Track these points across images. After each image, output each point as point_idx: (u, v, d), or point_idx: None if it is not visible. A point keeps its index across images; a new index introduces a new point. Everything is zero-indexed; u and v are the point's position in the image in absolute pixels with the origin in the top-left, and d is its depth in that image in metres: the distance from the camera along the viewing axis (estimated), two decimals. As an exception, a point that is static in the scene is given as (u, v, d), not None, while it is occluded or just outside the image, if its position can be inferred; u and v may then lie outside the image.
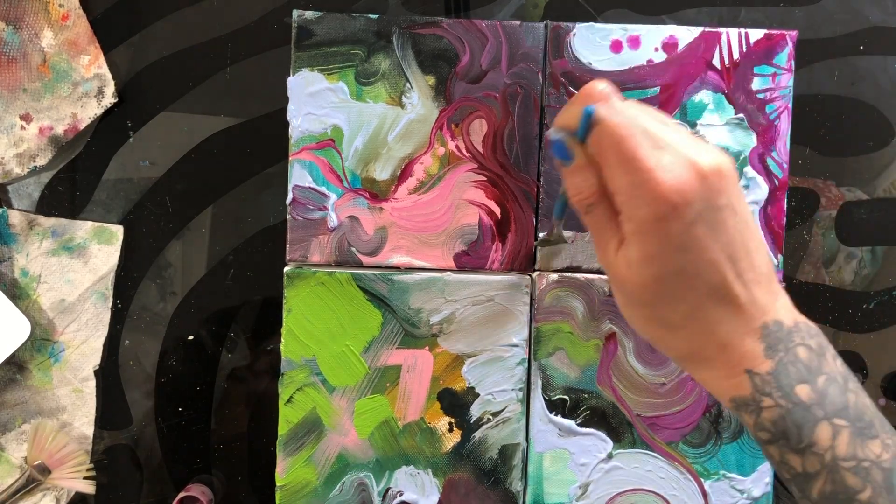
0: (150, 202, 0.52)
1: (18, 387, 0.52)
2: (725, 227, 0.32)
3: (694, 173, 0.32)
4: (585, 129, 0.34)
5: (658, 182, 0.31)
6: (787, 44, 0.50)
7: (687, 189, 0.31)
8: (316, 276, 0.49)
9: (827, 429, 0.32)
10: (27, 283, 0.52)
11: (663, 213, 0.31)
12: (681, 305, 0.33)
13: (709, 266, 0.32)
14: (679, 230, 0.32)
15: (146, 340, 0.53)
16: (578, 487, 0.50)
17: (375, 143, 0.50)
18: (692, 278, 0.32)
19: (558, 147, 0.35)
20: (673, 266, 0.32)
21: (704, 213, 0.32)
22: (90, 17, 0.52)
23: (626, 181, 0.32)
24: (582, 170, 0.35)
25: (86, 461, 0.52)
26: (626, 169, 0.32)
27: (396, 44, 0.49)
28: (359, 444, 0.50)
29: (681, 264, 0.32)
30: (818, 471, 0.32)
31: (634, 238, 0.33)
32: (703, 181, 0.32)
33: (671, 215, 0.31)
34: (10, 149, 0.52)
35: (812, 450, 0.32)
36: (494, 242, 0.50)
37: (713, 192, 0.32)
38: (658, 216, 0.32)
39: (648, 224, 0.32)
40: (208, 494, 0.51)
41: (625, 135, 0.32)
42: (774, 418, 0.32)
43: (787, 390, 0.32)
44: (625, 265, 0.34)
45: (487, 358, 0.50)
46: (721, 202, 0.32)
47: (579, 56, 0.49)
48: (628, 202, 0.33)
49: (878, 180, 0.53)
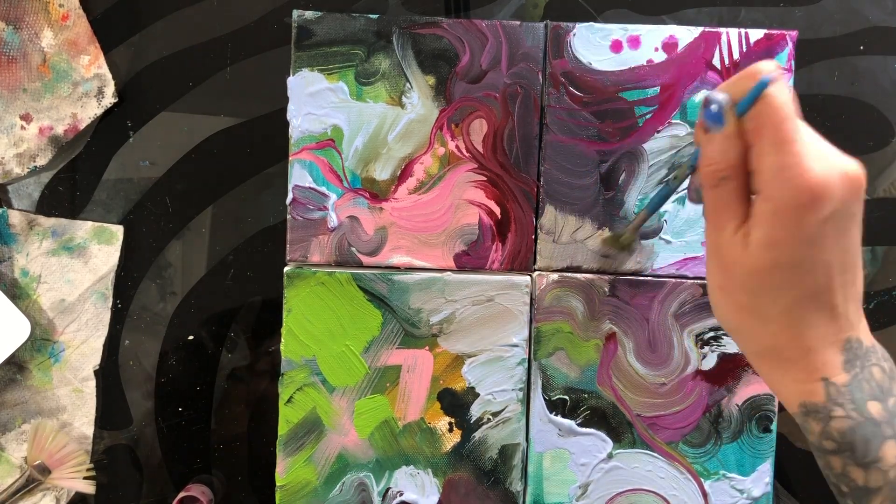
0: (150, 202, 0.52)
1: (18, 387, 0.52)
2: (850, 234, 0.33)
3: (841, 173, 0.32)
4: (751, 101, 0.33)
5: (807, 169, 0.32)
6: (787, 44, 0.50)
7: (832, 185, 0.32)
8: (316, 276, 0.49)
9: (894, 447, 0.32)
10: (27, 283, 0.52)
11: (804, 202, 0.32)
12: (783, 299, 0.33)
13: (824, 267, 0.33)
14: (812, 222, 0.32)
15: (146, 340, 0.53)
16: (578, 487, 0.50)
17: (375, 143, 0.50)
18: (805, 274, 0.33)
19: (714, 112, 0.35)
20: (794, 257, 0.33)
21: (839, 214, 0.32)
22: (90, 17, 0.52)
23: (777, 161, 0.32)
24: (728, 139, 0.35)
25: (86, 461, 0.52)
26: (780, 149, 0.32)
27: (396, 44, 0.49)
28: (359, 444, 0.50)
29: (801, 257, 0.33)
30: (880, 486, 0.32)
31: (766, 219, 0.33)
32: (847, 183, 0.32)
33: (810, 205, 0.32)
34: (10, 149, 0.52)
35: (877, 465, 0.32)
36: (494, 242, 0.50)
37: (852, 197, 0.32)
38: (798, 203, 0.32)
39: (786, 208, 0.32)
40: (208, 494, 0.51)
41: (788, 116, 0.32)
42: (843, 429, 0.33)
43: (859, 404, 0.33)
44: (742, 246, 0.34)
45: (487, 358, 0.50)
46: (855, 209, 0.33)
47: (579, 56, 0.49)
48: (772, 182, 0.33)
49: (878, 180, 0.53)
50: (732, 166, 0.35)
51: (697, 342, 0.49)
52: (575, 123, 0.49)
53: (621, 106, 0.49)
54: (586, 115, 0.49)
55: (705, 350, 0.50)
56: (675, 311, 0.49)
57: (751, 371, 0.49)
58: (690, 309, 0.49)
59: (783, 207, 0.32)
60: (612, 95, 0.49)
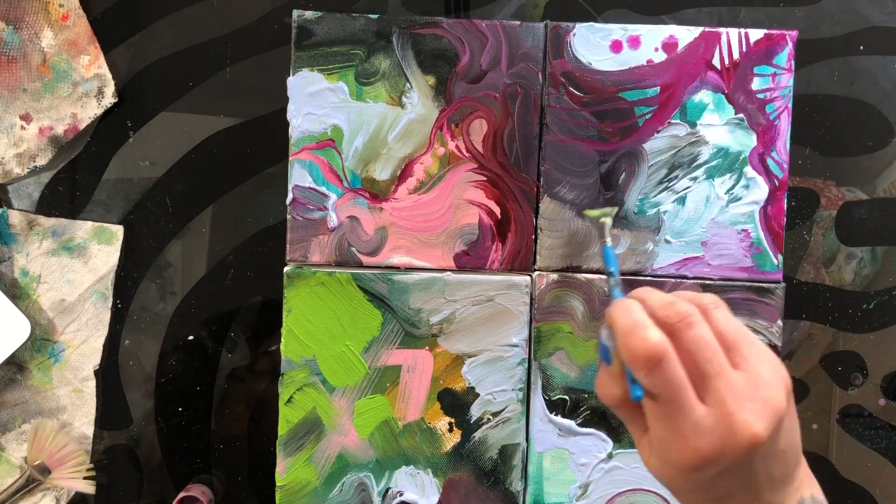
0: (150, 202, 0.52)
1: (18, 387, 0.52)
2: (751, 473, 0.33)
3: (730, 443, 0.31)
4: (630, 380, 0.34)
5: (689, 448, 0.32)
6: (787, 44, 0.50)
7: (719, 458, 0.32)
8: (316, 276, 0.49)
9: None
10: (27, 283, 0.52)
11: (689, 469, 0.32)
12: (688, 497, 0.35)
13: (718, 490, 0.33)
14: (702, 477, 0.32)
15: (146, 340, 0.53)
16: (578, 487, 0.50)
17: (375, 143, 0.50)
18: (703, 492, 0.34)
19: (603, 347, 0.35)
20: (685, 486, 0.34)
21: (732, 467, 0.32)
22: (90, 17, 0.52)
23: (660, 434, 0.33)
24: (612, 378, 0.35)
25: (86, 461, 0.52)
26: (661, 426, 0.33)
27: (396, 44, 0.49)
28: (359, 444, 0.50)
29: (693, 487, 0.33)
30: None
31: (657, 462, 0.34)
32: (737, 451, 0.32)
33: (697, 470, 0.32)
34: (10, 149, 0.52)
35: None
36: (494, 242, 0.50)
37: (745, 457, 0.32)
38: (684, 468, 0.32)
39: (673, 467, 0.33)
40: (208, 494, 0.51)
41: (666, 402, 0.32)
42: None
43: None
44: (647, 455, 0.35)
45: (487, 358, 0.50)
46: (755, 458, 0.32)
47: (579, 56, 0.49)
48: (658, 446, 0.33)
49: (878, 180, 0.53)
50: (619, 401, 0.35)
51: (697, 342, 0.49)
52: (575, 123, 0.49)
53: (621, 106, 0.49)
54: (586, 115, 0.49)
55: (705, 350, 0.49)
56: (675, 311, 0.49)
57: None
58: (690, 309, 0.49)
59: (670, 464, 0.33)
60: (612, 95, 0.49)
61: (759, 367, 0.33)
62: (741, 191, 0.50)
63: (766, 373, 0.33)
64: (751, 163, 0.50)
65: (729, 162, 0.50)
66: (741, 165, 0.50)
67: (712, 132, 0.50)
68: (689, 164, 0.50)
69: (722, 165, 0.50)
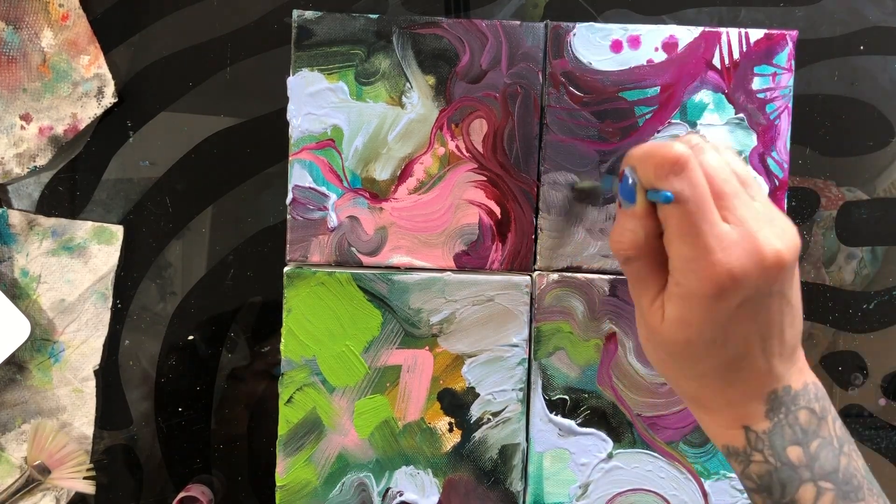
0: (150, 202, 0.52)
1: (18, 387, 0.52)
2: (769, 311, 0.33)
3: (755, 261, 0.31)
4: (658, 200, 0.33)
5: (716, 263, 0.31)
6: (787, 44, 0.50)
7: (744, 276, 0.31)
8: (316, 276, 0.49)
9: (811, 490, 0.33)
10: (27, 283, 0.52)
11: (712, 293, 0.32)
12: (700, 365, 0.34)
13: (739, 340, 0.33)
14: (724, 308, 0.32)
15: (146, 340, 0.53)
16: (578, 487, 0.50)
17: (375, 143, 0.50)
18: (721, 348, 0.33)
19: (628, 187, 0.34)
20: (706, 335, 0.33)
21: (753, 297, 0.32)
22: (90, 17, 0.52)
23: (685, 253, 0.32)
24: (638, 218, 0.35)
25: (86, 461, 0.52)
26: (688, 242, 0.32)
27: (396, 44, 0.49)
28: (359, 444, 0.50)
29: (713, 335, 0.33)
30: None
31: (677, 301, 0.33)
32: (762, 270, 0.31)
33: (719, 296, 0.32)
34: (10, 149, 0.52)
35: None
36: (494, 242, 0.50)
37: (768, 281, 0.32)
38: (706, 293, 0.32)
39: (694, 296, 0.32)
40: (208, 494, 0.51)
41: (694, 209, 0.32)
42: (761, 473, 0.34)
43: (778, 450, 0.33)
44: (658, 319, 0.34)
45: (487, 358, 0.50)
46: (773, 289, 0.32)
47: (579, 56, 0.49)
48: (680, 270, 0.33)
49: (878, 180, 0.53)
50: (639, 247, 0.34)
51: (697, 342, 0.49)
52: (575, 123, 0.49)
53: (621, 106, 0.49)
54: (586, 115, 0.49)
55: (705, 350, 0.49)
56: (675, 311, 0.49)
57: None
58: (690, 309, 0.49)
59: (692, 295, 0.32)
60: (612, 95, 0.49)
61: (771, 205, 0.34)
62: (741, 191, 0.50)
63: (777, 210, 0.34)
64: (751, 163, 0.50)
65: (729, 162, 0.50)
66: (741, 165, 0.50)
67: (712, 132, 0.50)
68: (689, 164, 0.50)
69: (722, 165, 0.50)
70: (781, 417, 0.34)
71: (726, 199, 0.32)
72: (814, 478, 0.33)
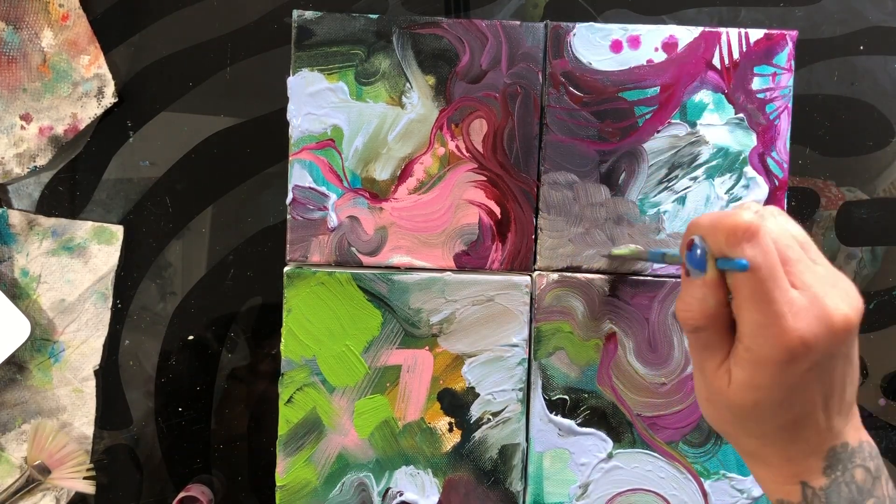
0: (150, 202, 0.52)
1: (18, 387, 0.52)
2: (834, 372, 0.33)
3: (825, 326, 0.32)
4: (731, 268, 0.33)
5: (788, 330, 0.31)
6: (787, 44, 0.50)
7: (815, 341, 0.32)
8: (316, 276, 0.49)
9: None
10: (27, 283, 0.52)
11: (786, 359, 0.32)
12: (765, 425, 0.34)
13: (805, 402, 0.33)
14: (794, 372, 0.32)
15: (146, 340, 0.53)
16: (578, 487, 0.50)
17: (375, 143, 0.49)
18: (786, 409, 0.34)
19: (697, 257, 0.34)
20: (776, 398, 0.33)
21: (822, 361, 0.32)
22: (90, 17, 0.52)
23: (757, 319, 0.32)
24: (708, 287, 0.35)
25: (86, 461, 0.52)
26: (759, 308, 0.32)
27: (396, 44, 0.49)
28: (359, 444, 0.50)
29: (782, 398, 0.33)
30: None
31: (747, 365, 0.33)
32: (831, 335, 0.32)
33: (792, 361, 0.32)
34: (10, 149, 0.52)
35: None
36: (494, 242, 0.50)
37: (836, 344, 0.32)
38: (779, 359, 0.32)
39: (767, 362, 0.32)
40: (208, 494, 0.51)
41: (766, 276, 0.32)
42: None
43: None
44: (725, 383, 0.34)
45: (487, 358, 0.50)
46: (840, 351, 0.33)
47: (579, 56, 0.49)
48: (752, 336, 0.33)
49: (878, 180, 0.53)
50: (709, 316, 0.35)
51: (697, 342, 0.49)
52: (575, 123, 0.49)
53: (621, 106, 0.49)
54: (586, 115, 0.49)
55: (705, 350, 0.49)
56: (675, 311, 0.49)
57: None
58: (690, 309, 0.49)
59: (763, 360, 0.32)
60: (612, 95, 0.49)
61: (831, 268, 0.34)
62: (741, 191, 0.50)
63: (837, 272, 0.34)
64: (751, 163, 0.50)
65: (729, 162, 0.50)
66: (741, 165, 0.50)
67: (712, 132, 0.50)
68: (689, 163, 0.50)
69: (722, 165, 0.50)
70: (839, 475, 0.34)
71: (791, 265, 0.33)
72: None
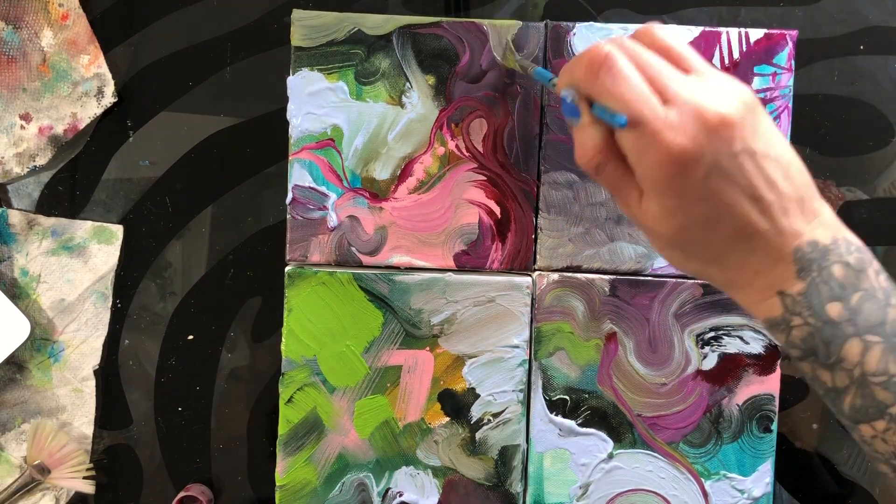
0: (150, 202, 0.52)
1: (18, 386, 0.52)
2: (743, 170, 0.32)
3: (700, 127, 0.31)
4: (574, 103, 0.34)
5: (666, 144, 0.31)
6: (787, 43, 0.50)
7: (694, 147, 0.31)
8: (317, 276, 0.49)
9: (857, 345, 0.32)
10: (27, 283, 0.52)
11: (674, 173, 0.32)
12: (709, 247, 0.34)
13: (729, 210, 0.33)
14: (693, 184, 0.32)
15: (146, 340, 0.52)
16: (579, 487, 0.50)
17: (375, 143, 0.49)
18: (715, 223, 0.33)
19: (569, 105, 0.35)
20: (694, 216, 0.33)
21: (717, 164, 0.32)
22: (90, 16, 0.52)
23: (636, 146, 0.32)
24: (587, 128, 0.34)
25: (85, 461, 0.52)
26: (634, 135, 0.32)
27: (396, 43, 0.49)
28: (359, 445, 0.50)
29: (702, 213, 0.33)
30: (847, 385, 0.33)
31: (651, 194, 0.33)
32: (711, 135, 0.31)
33: (683, 173, 0.32)
34: (10, 148, 0.52)
35: (841, 365, 0.32)
36: (494, 242, 0.50)
37: (723, 143, 0.32)
38: (669, 175, 0.32)
39: (661, 182, 0.32)
40: (208, 494, 0.51)
41: (628, 99, 0.32)
42: (804, 336, 0.33)
43: (817, 309, 0.33)
44: (649, 217, 0.34)
45: (488, 359, 0.50)
46: (735, 148, 0.32)
47: (579, 56, 0.49)
48: (640, 165, 0.33)
49: (878, 180, 0.53)
50: (600, 153, 0.34)
51: (698, 342, 0.49)
52: (575, 123, 0.49)
53: (621, 106, 0.49)
54: (586, 115, 0.49)
55: (706, 350, 0.49)
56: (676, 311, 0.49)
57: (751, 371, 0.49)
58: (691, 309, 0.49)
59: (658, 183, 0.32)
60: (612, 95, 0.49)
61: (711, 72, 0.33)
62: (741, 190, 0.50)
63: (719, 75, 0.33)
64: (751, 162, 0.50)
65: (729, 162, 0.50)
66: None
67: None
68: (689, 163, 0.50)
69: (722, 165, 0.50)
70: (815, 276, 0.33)
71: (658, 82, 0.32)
72: (858, 332, 0.32)
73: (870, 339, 0.32)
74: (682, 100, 0.32)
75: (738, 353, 0.49)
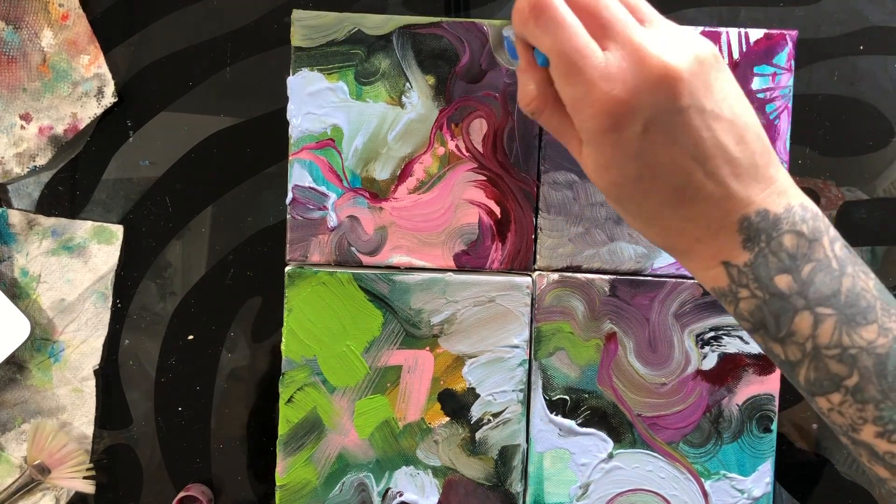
0: (150, 202, 0.52)
1: (18, 386, 0.52)
2: (689, 128, 0.30)
3: (641, 78, 0.29)
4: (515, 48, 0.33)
5: (601, 93, 0.29)
6: (787, 43, 0.50)
7: (632, 97, 0.29)
8: (317, 276, 0.49)
9: (807, 318, 0.31)
10: (27, 283, 0.52)
11: (609, 126, 0.30)
12: (645, 205, 0.32)
13: (668, 169, 0.31)
14: (629, 139, 0.30)
15: (146, 340, 0.52)
16: (579, 487, 0.50)
17: (375, 143, 0.50)
18: (650, 181, 0.31)
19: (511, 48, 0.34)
20: (629, 172, 0.31)
21: (658, 119, 0.30)
22: (90, 16, 0.52)
23: (572, 95, 0.31)
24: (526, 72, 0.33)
25: (86, 461, 0.52)
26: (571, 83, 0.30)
27: (396, 43, 0.49)
28: (359, 445, 0.50)
29: (636, 170, 0.31)
30: (800, 359, 0.31)
31: (587, 148, 0.32)
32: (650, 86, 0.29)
33: (617, 127, 0.30)
34: (10, 148, 0.52)
35: (792, 339, 0.31)
36: (494, 242, 0.50)
37: (667, 96, 0.30)
38: (604, 128, 0.30)
39: (596, 135, 0.31)
40: (208, 494, 0.51)
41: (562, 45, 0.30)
42: (751, 309, 0.32)
43: (764, 281, 0.31)
44: (588, 168, 0.33)
45: (488, 359, 0.50)
46: (680, 104, 0.30)
47: (579, 56, 0.49)
48: (576, 115, 0.31)
49: (878, 180, 0.53)
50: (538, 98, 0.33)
51: (698, 342, 0.49)
52: (575, 123, 0.49)
53: (621, 106, 0.49)
54: (586, 115, 0.49)
55: (706, 350, 0.50)
56: (676, 311, 0.49)
57: (751, 371, 0.49)
58: (691, 309, 0.49)
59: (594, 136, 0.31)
60: (612, 95, 0.49)
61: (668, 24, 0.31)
62: (741, 191, 0.50)
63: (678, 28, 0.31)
64: (751, 163, 0.50)
65: (729, 162, 0.50)
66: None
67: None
68: (689, 163, 0.50)
69: (722, 165, 0.50)
70: (762, 246, 0.31)
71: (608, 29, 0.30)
72: (809, 305, 0.30)
73: (821, 311, 0.30)
74: (627, 48, 0.30)
75: (738, 352, 0.49)
